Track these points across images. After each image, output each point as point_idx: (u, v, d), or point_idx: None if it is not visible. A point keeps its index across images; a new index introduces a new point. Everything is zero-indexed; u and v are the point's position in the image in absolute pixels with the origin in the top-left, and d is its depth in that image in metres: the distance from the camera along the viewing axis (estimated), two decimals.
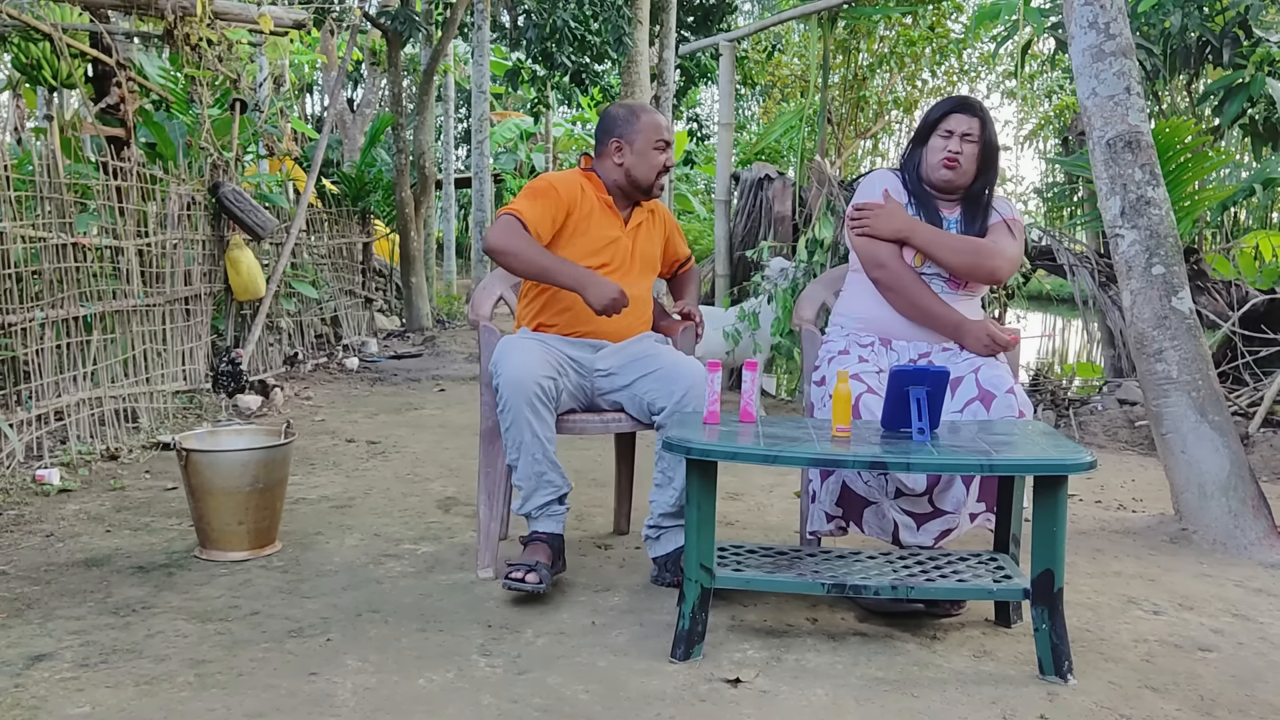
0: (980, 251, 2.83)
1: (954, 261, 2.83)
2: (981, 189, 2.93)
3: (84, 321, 4.53)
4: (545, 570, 2.71)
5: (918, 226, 2.86)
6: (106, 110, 5.54)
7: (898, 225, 2.87)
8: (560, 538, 2.85)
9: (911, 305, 2.86)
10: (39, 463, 4.04)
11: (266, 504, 3.10)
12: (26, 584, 2.82)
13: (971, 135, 2.86)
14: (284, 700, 2.14)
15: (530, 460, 2.78)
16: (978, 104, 2.91)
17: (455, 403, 6.07)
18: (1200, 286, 5.65)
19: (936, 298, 2.85)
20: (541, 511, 2.83)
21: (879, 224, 2.88)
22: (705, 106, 19.48)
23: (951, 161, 2.87)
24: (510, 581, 2.66)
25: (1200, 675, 2.36)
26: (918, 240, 2.85)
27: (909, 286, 2.85)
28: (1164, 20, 6.76)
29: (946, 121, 2.88)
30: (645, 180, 3.04)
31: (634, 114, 3.05)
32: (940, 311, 2.84)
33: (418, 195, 9.70)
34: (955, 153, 2.86)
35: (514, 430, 2.77)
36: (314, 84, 18.90)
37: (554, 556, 2.81)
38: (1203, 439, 3.34)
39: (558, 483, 2.82)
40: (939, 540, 2.71)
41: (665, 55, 9.05)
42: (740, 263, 6.69)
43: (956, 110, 2.89)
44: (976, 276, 2.85)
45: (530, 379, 2.73)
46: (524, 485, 2.82)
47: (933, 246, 2.84)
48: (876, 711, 2.14)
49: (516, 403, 2.74)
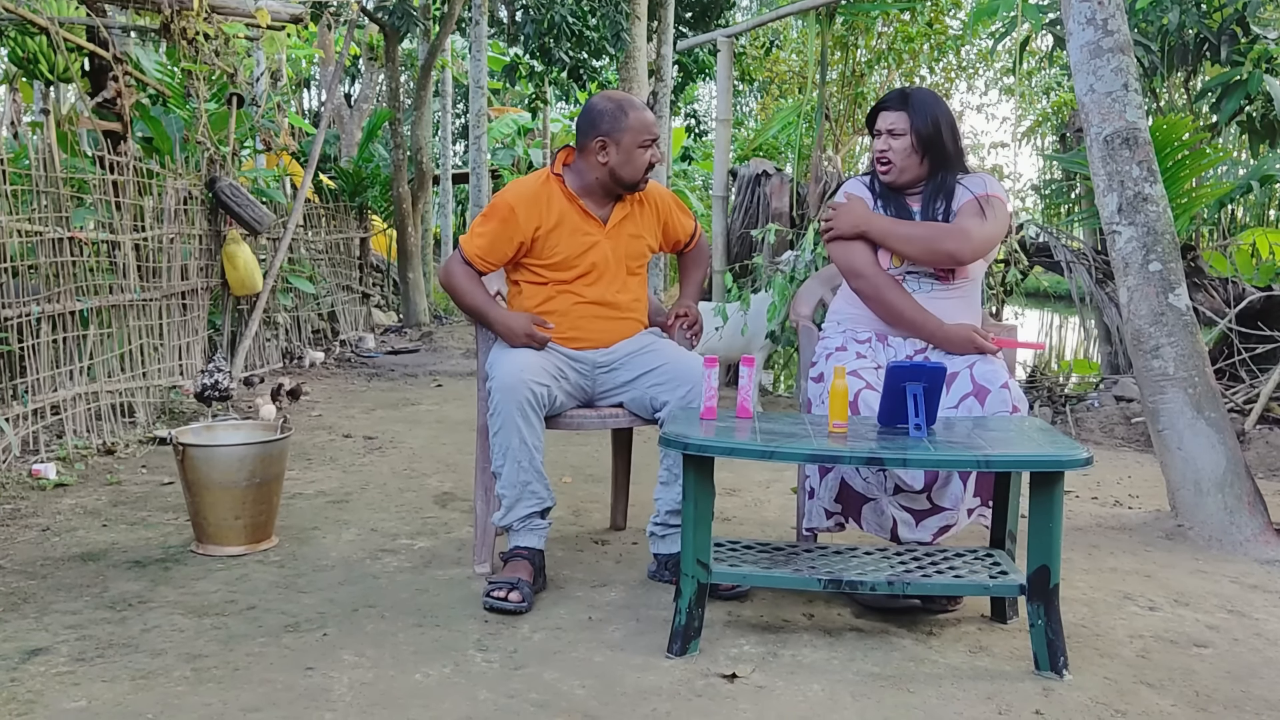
0: (935, 236, 2.79)
1: (908, 250, 2.82)
2: (940, 175, 2.88)
3: (80, 316, 4.53)
4: (528, 588, 2.65)
5: (874, 219, 2.86)
6: (103, 105, 5.53)
7: (855, 221, 2.87)
8: (541, 554, 2.80)
9: (890, 312, 2.85)
10: (35, 457, 4.04)
11: (263, 499, 3.10)
12: (22, 578, 2.82)
13: (897, 129, 2.83)
14: (280, 695, 2.14)
15: (516, 468, 2.74)
16: (904, 95, 2.87)
17: (452, 398, 6.07)
18: (1197, 283, 5.65)
19: (915, 304, 2.82)
20: (524, 525, 2.78)
21: (840, 222, 2.88)
22: (703, 102, 19.45)
23: (883, 164, 2.87)
24: (492, 600, 2.61)
25: (1195, 671, 2.37)
26: (874, 233, 2.84)
27: (886, 294, 2.83)
28: (1162, 17, 6.76)
29: (876, 121, 2.89)
30: (632, 179, 2.92)
31: (621, 110, 2.88)
32: (919, 319, 2.82)
33: (415, 191, 9.69)
34: (882, 150, 2.86)
35: (502, 435, 2.74)
36: (311, 79, 18.86)
37: (535, 574, 2.74)
38: (1199, 435, 3.35)
39: (542, 495, 2.78)
40: (937, 536, 2.71)
41: (663, 51, 9.03)
42: (741, 241, 6.70)
43: (881, 108, 2.88)
44: (935, 261, 2.81)
45: (523, 384, 2.71)
46: (508, 494, 2.77)
47: (888, 237, 2.83)
48: (872, 706, 2.14)
49: (507, 408, 2.71)
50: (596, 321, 2.96)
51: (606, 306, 2.97)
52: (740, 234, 6.71)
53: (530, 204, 2.90)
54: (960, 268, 2.84)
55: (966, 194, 2.86)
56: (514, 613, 2.60)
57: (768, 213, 6.62)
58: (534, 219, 2.89)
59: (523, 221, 2.88)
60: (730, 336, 5.54)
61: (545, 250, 2.92)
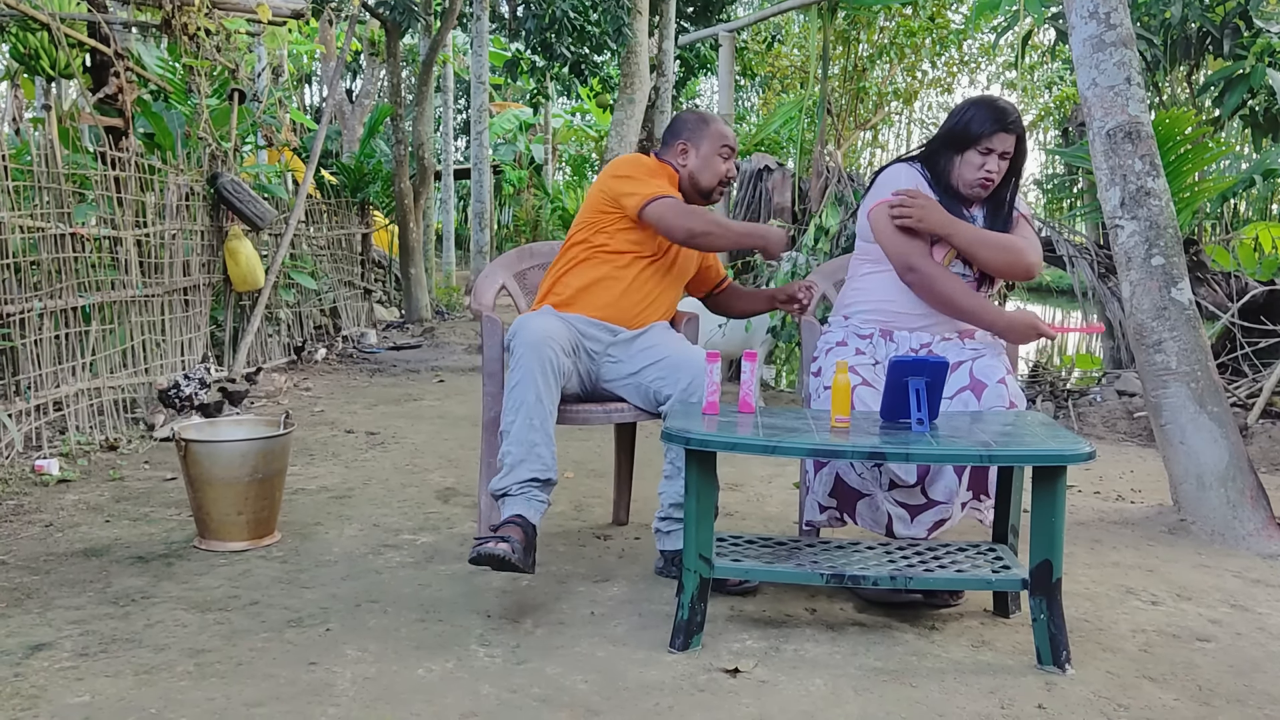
0: (1016, 249, 2.81)
1: (994, 260, 2.80)
2: (1006, 190, 2.91)
3: (83, 312, 4.53)
4: (519, 544, 2.47)
5: (959, 225, 2.81)
6: (104, 100, 5.52)
7: (941, 221, 2.80)
8: (535, 529, 2.60)
9: (948, 303, 2.80)
10: (38, 453, 4.04)
11: (265, 494, 3.11)
12: (26, 574, 2.82)
13: (1009, 153, 2.84)
14: (283, 689, 2.14)
15: (527, 425, 2.66)
16: (1018, 118, 2.84)
17: (454, 394, 6.07)
18: (1200, 278, 5.65)
19: (974, 294, 2.82)
20: (522, 490, 2.63)
21: (928, 216, 2.79)
22: (705, 98, 19.44)
23: (988, 183, 2.85)
24: (480, 551, 2.42)
25: (1198, 665, 2.37)
26: (959, 239, 2.80)
27: (943, 285, 2.79)
28: (1164, 11, 6.75)
29: (989, 140, 2.81)
30: (708, 185, 3.08)
31: (703, 120, 3.11)
32: (981, 307, 2.81)
33: (417, 186, 9.69)
34: (991, 173, 2.83)
35: (520, 390, 2.68)
36: (312, 74, 18.86)
37: (526, 544, 2.52)
38: (1201, 430, 3.35)
39: (547, 461, 2.65)
40: (932, 532, 2.71)
41: (665, 46, 9.02)
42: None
43: (1002, 130, 2.80)
44: (1014, 274, 2.83)
45: (547, 344, 2.73)
46: (513, 452, 2.64)
47: (974, 245, 2.80)
48: (875, 701, 2.14)
49: (529, 362, 2.70)
50: (638, 305, 3.03)
51: (651, 297, 3.06)
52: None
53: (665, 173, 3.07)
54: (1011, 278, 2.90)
55: (1016, 210, 2.92)
56: (501, 559, 2.41)
57: (770, 208, 6.62)
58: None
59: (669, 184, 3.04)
60: (733, 333, 5.54)
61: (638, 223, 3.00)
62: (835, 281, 3.25)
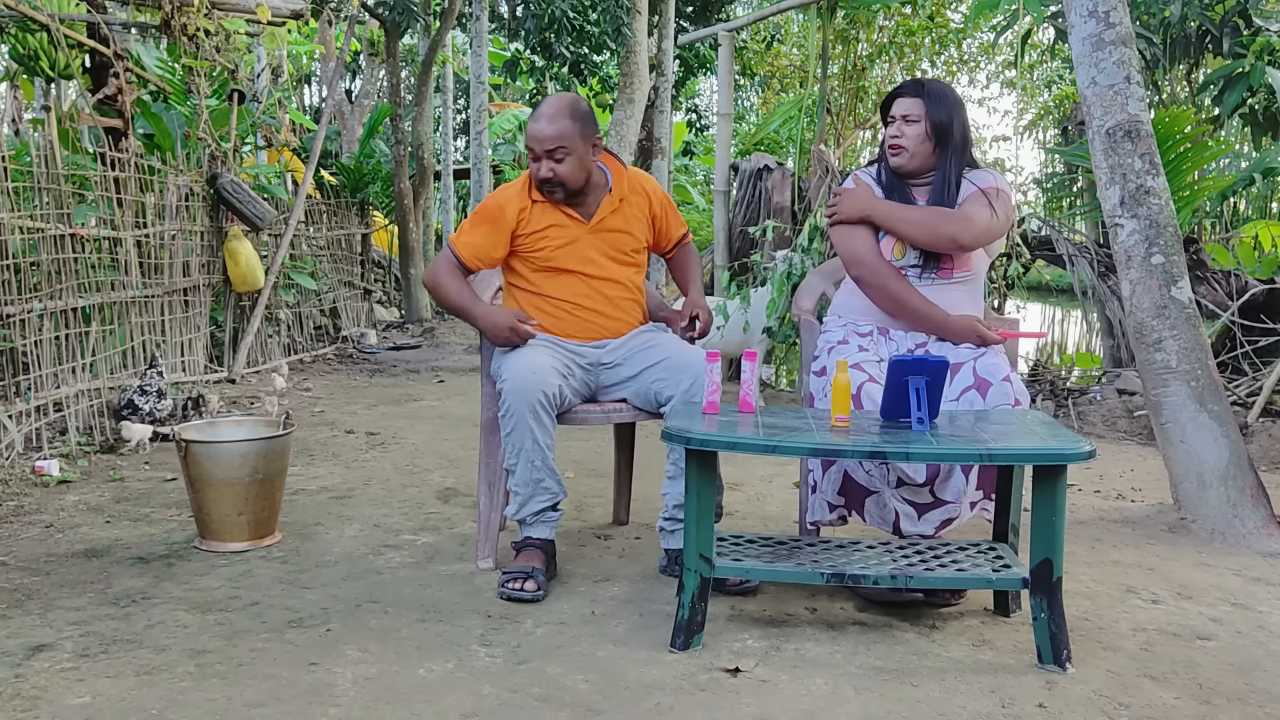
0: (938, 219, 2.80)
1: (913, 233, 2.82)
2: (947, 167, 2.88)
3: (83, 313, 4.53)
4: (542, 576, 2.71)
5: (878, 204, 2.88)
6: (104, 101, 5.52)
7: (860, 206, 2.89)
8: (552, 544, 2.86)
9: (892, 302, 2.85)
10: (38, 454, 4.04)
11: (266, 495, 3.11)
12: (26, 575, 2.82)
13: (912, 116, 2.86)
14: (284, 690, 2.14)
15: (529, 467, 2.78)
16: (921, 84, 2.90)
17: (454, 394, 6.07)
18: (1199, 276, 5.65)
19: (917, 294, 2.83)
20: (536, 518, 2.83)
21: (845, 207, 2.90)
22: (704, 97, 19.42)
23: (895, 147, 2.89)
24: (508, 590, 2.67)
25: (1199, 664, 2.37)
26: (878, 216, 2.86)
27: (889, 283, 2.84)
28: (1164, 9, 6.75)
29: (891, 107, 2.92)
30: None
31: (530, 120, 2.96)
32: (923, 309, 2.82)
33: (416, 186, 9.68)
34: (895, 137, 2.88)
35: (515, 436, 2.76)
36: (312, 75, 18.84)
37: (547, 562, 2.80)
38: (1201, 428, 3.35)
39: (554, 489, 2.82)
40: (940, 529, 2.72)
41: (664, 45, 9.01)
42: (741, 237, 6.70)
43: (897, 95, 2.91)
44: (937, 245, 2.81)
45: (535, 386, 2.73)
46: (521, 491, 2.82)
47: (893, 221, 2.84)
48: (876, 700, 2.14)
49: (520, 409, 2.73)
50: (590, 315, 2.98)
51: (597, 302, 2.99)
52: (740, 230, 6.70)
53: (516, 204, 2.96)
54: (961, 259, 2.84)
55: (971, 186, 2.88)
56: (530, 601, 2.65)
57: (769, 207, 6.62)
58: (519, 218, 2.96)
59: (510, 219, 2.95)
60: (732, 334, 5.55)
61: (529, 248, 2.97)
62: (834, 281, 3.25)
